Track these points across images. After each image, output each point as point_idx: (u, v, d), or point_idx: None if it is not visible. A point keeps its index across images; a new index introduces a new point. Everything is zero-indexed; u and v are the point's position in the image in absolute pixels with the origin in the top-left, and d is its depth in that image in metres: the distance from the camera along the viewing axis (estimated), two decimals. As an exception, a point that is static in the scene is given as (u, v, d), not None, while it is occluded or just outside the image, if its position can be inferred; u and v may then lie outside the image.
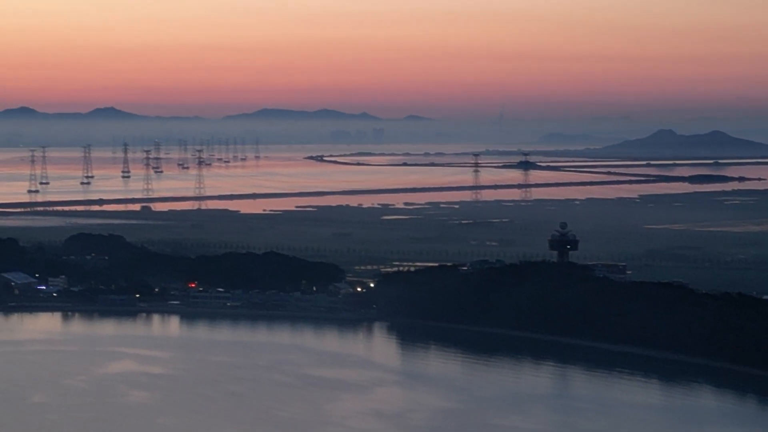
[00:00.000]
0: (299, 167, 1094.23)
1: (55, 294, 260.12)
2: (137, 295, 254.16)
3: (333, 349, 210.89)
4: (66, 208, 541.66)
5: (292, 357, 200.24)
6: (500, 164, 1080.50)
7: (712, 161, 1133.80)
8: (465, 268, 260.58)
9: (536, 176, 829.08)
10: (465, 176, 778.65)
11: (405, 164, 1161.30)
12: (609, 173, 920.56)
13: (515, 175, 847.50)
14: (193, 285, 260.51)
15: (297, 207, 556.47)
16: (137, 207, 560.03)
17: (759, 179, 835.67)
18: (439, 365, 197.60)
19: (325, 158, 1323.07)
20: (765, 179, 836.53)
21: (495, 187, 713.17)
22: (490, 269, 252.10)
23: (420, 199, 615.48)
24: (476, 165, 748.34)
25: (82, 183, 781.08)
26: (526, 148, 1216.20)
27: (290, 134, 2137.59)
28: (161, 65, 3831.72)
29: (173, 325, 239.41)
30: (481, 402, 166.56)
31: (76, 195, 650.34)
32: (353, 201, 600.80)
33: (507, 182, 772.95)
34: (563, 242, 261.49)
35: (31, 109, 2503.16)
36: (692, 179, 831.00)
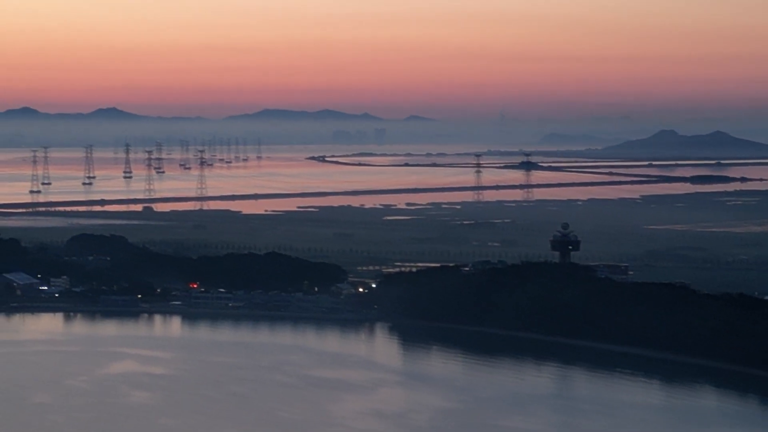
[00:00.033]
0: (301, 168, 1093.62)
1: (57, 294, 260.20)
2: (139, 296, 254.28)
3: (335, 350, 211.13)
4: (68, 209, 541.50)
5: (294, 357, 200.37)
6: (502, 165, 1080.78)
7: (714, 162, 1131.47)
8: (467, 269, 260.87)
9: (538, 177, 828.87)
10: (467, 177, 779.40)
11: (407, 165, 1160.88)
12: (610, 174, 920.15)
13: (517, 176, 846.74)
14: (195, 285, 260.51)
15: (299, 207, 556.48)
16: (139, 207, 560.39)
17: (761, 180, 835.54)
18: (441, 366, 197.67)
19: (327, 159, 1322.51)
20: (767, 180, 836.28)
21: (497, 188, 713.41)
22: (492, 270, 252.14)
23: (422, 200, 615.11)
24: (478, 165, 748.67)
25: (84, 183, 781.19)
26: (527, 149, 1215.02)
27: (292, 135, 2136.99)
28: (163, 66, 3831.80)
29: (175, 326, 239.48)
30: (483, 402, 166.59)
31: (78, 195, 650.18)
32: (355, 201, 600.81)
33: (509, 183, 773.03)
34: (565, 243, 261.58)
35: (33, 110, 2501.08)
36: (694, 180, 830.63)
